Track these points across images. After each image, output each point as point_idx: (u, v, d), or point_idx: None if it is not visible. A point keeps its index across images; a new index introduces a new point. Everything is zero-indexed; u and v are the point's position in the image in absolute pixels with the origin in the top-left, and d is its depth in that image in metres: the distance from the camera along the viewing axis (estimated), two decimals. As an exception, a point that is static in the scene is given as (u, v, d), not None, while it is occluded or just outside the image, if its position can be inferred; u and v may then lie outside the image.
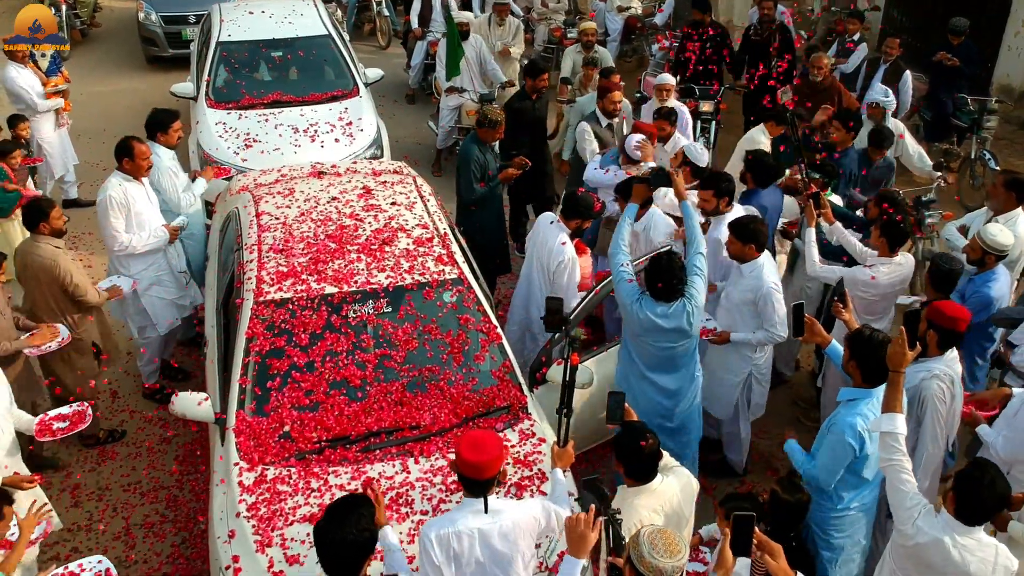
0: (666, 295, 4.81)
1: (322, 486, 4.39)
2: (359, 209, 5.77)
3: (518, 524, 3.61)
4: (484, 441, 3.55)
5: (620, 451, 3.87)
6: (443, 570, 3.56)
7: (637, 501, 3.84)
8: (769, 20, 9.93)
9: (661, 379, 5.04)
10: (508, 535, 3.58)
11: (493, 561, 3.60)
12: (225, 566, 4.11)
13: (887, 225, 5.45)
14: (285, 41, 9.39)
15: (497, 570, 3.63)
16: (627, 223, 5.24)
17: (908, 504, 3.55)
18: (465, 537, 3.53)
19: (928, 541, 3.45)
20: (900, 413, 3.69)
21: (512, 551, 3.60)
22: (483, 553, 3.58)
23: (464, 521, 3.56)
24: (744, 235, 5.30)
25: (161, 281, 6.30)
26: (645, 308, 4.85)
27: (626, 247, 5.14)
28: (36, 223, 5.57)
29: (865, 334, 4.24)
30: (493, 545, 3.58)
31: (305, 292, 5.05)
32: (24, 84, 8.33)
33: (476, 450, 3.50)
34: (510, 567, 3.63)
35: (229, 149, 8.12)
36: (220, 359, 5.20)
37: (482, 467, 3.49)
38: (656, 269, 4.81)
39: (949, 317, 4.43)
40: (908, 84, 9.01)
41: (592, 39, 9.43)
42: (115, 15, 14.23)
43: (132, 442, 6.21)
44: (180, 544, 5.39)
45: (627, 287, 4.96)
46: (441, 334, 5.06)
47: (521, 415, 4.85)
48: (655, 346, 4.94)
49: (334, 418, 4.67)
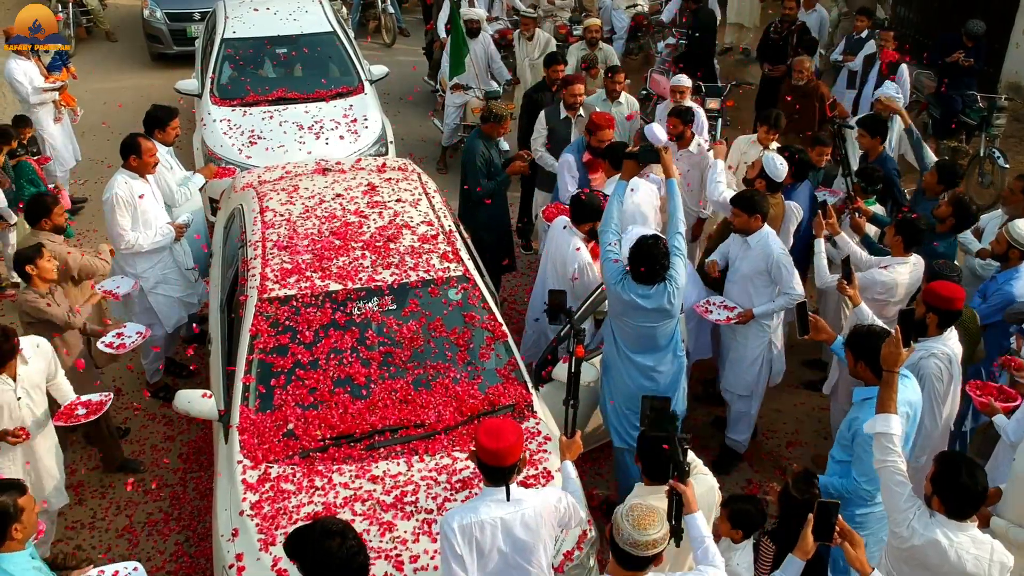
0: (648, 278, 4.81)
1: (326, 484, 4.36)
2: (364, 206, 5.74)
3: (540, 512, 3.58)
4: (502, 428, 3.53)
5: (643, 451, 3.79)
6: (465, 560, 3.52)
7: (652, 500, 3.78)
8: (790, 20, 9.89)
9: (642, 359, 5.02)
10: (530, 524, 3.55)
11: (515, 551, 3.56)
12: (229, 564, 4.07)
13: (903, 224, 5.39)
14: (290, 38, 9.37)
15: (520, 559, 3.58)
16: (616, 201, 5.19)
17: (903, 506, 3.51)
18: (488, 526, 3.50)
19: (924, 543, 3.42)
20: (894, 414, 3.66)
21: (534, 540, 3.57)
22: (505, 543, 3.54)
23: (487, 510, 3.52)
24: (749, 207, 5.42)
25: (168, 279, 6.27)
26: (628, 289, 4.84)
27: (616, 225, 5.11)
28: (38, 219, 5.55)
29: (863, 331, 4.24)
30: (516, 535, 3.54)
31: (309, 289, 5.02)
32: (20, 76, 8.30)
33: (495, 437, 3.48)
34: (532, 556, 3.59)
35: (234, 146, 8.10)
36: (224, 356, 5.18)
37: (502, 454, 3.47)
38: (640, 253, 4.79)
39: (946, 298, 4.54)
40: (905, 77, 8.93)
41: (596, 36, 9.38)
42: (120, 12, 14.21)
43: (135, 439, 6.19)
44: (183, 542, 5.37)
45: (612, 267, 4.94)
46: (446, 331, 5.03)
47: (527, 413, 4.82)
48: (636, 325, 4.93)
49: (338, 416, 4.63)
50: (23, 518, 3.59)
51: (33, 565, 3.60)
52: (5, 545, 3.56)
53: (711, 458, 5.84)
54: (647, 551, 3.09)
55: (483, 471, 3.58)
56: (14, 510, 3.56)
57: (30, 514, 3.65)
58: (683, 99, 7.69)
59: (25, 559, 3.61)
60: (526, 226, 8.53)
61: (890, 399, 3.67)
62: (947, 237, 5.80)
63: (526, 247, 8.53)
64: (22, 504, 3.60)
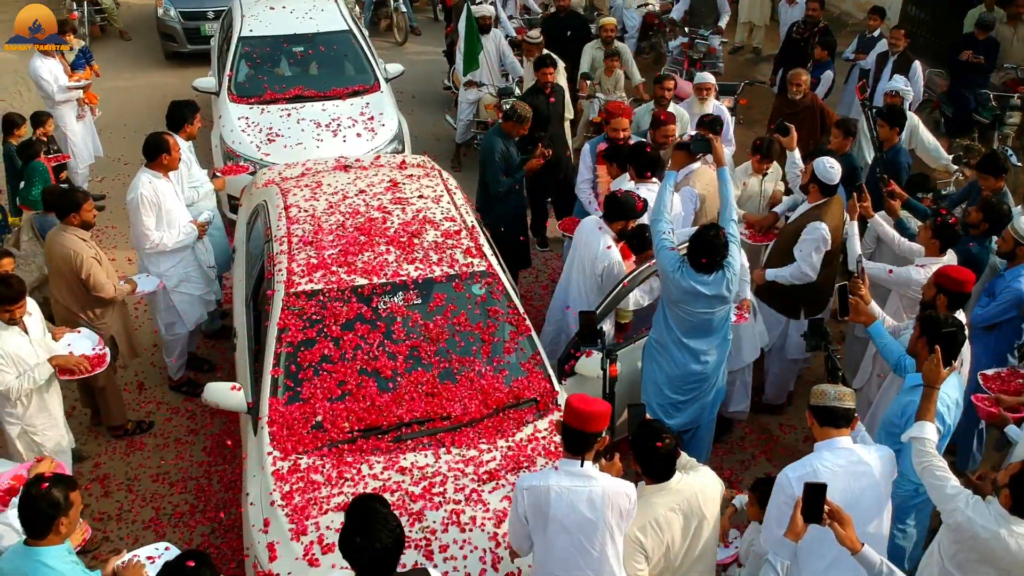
0: (708, 268, 4.90)
1: (355, 475, 4.43)
2: (387, 202, 5.80)
3: (608, 494, 3.60)
4: (594, 398, 3.71)
5: (637, 451, 3.83)
6: (529, 524, 3.63)
7: (655, 499, 3.80)
8: (814, 22, 9.90)
9: (696, 343, 5.14)
10: (596, 502, 3.58)
11: (579, 528, 3.59)
12: (260, 554, 4.14)
13: (941, 227, 5.41)
14: (306, 36, 9.42)
15: (583, 539, 3.60)
16: (668, 190, 5.26)
17: (950, 494, 3.58)
18: (553, 493, 3.58)
19: (987, 535, 3.47)
20: (931, 423, 3.83)
21: (598, 520, 3.59)
22: (569, 517, 3.58)
23: (556, 479, 3.62)
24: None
25: (190, 277, 6.33)
26: (688, 276, 4.93)
27: (668, 213, 5.19)
28: (66, 213, 5.61)
29: (939, 317, 4.29)
30: (580, 510, 3.58)
31: (336, 284, 5.08)
32: (46, 74, 8.38)
33: (586, 401, 3.64)
34: (595, 538, 3.60)
35: (252, 143, 8.16)
36: (251, 350, 5.24)
37: (590, 417, 3.60)
38: (700, 243, 4.89)
39: (956, 280, 4.71)
40: (918, 74, 8.95)
41: (612, 35, 9.43)
42: (134, 11, 14.28)
43: (160, 433, 6.26)
44: (210, 534, 5.44)
45: (668, 255, 5.03)
46: (471, 326, 5.09)
47: (551, 407, 4.88)
48: (694, 312, 5.03)
49: (366, 408, 4.70)
50: (70, 514, 3.61)
51: (71, 559, 3.64)
52: (48, 539, 3.57)
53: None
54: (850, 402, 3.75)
55: (565, 438, 3.68)
56: (64, 504, 3.57)
57: (76, 511, 3.66)
58: (708, 97, 7.66)
59: (63, 552, 3.62)
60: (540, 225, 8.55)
61: (928, 411, 3.86)
62: (982, 240, 5.83)
63: (542, 243, 8.58)
64: (72, 499, 3.62)
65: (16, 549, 3.65)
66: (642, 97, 9.90)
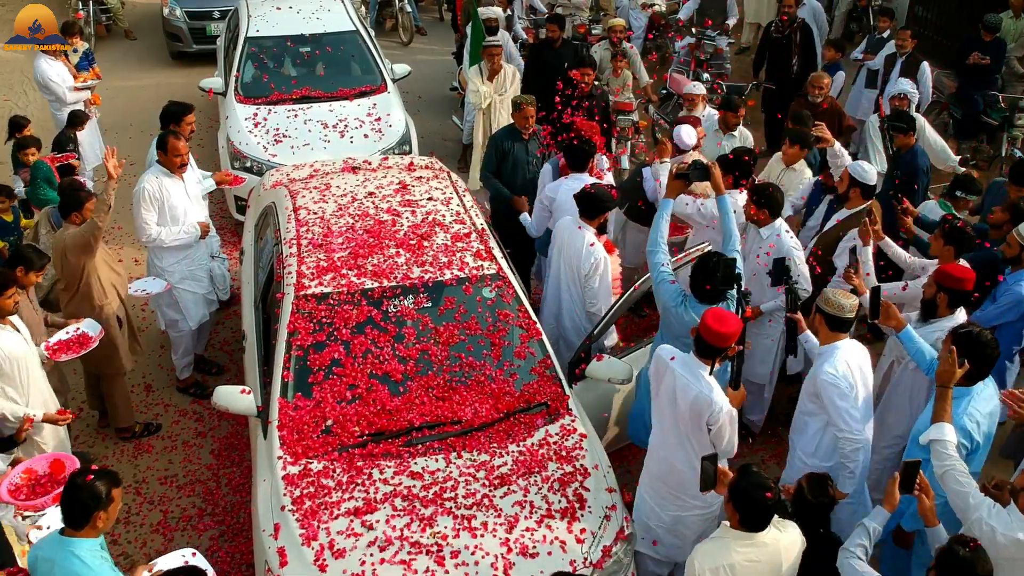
0: (712, 298, 4.75)
1: (365, 480, 4.40)
2: (396, 204, 5.78)
3: (702, 395, 4.15)
4: (728, 317, 4.19)
5: (739, 499, 3.61)
6: (651, 389, 4.47)
7: (737, 545, 3.64)
8: (791, 20, 9.83)
9: None
10: (697, 400, 4.17)
11: (691, 407, 4.19)
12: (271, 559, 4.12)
13: (952, 231, 5.28)
14: (313, 37, 9.40)
15: (692, 422, 4.22)
16: (664, 219, 5.17)
17: (972, 503, 3.58)
18: (668, 373, 4.27)
19: (1008, 542, 3.45)
20: (948, 423, 3.90)
21: (699, 419, 4.20)
22: (682, 398, 4.21)
23: (684, 365, 4.23)
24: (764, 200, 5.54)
25: (194, 275, 6.31)
26: (691, 310, 4.79)
27: (664, 244, 5.09)
28: (69, 212, 5.60)
29: (972, 332, 4.20)
30: (689, 397, 4.18)
31: (346, 287, 5.05)
32: (55, 76, 8.37)
33: (722, 321, 4.13)
34: (700, 425, 4.21)
35: (259, 144, 8.15)
36: (260, 353, 5.22)
37: (724, 336, 4.11)
38: (705, 271, 4.74)
39: (957, 278, 4.74)
40: (927, 75, 8.90)
41: (621, 36, 9.39)
42: (139, 11, 14.27)
43: (167, 435, 6.24)
44: (218, 537, 5.41)
45: (669, 288, 4.91)
46: (481, 329, 5.06)
47: (562, 411, 4.85)
48: None
49: (376, 412, 4.68)
50: (109, 509, 3.62)
51: (101, 555, 3.63)
52: (84, 531, 3.58)
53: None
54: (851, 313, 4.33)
55: (698, 345, 4.18)
56: (105, 498, 3.58)
57: (116, 508, 3.67)
58: (696, 106, 7.63)
59: (95, 546, 3.63)
60: None
61: (944, 411, 3.93)
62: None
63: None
64: (114, 495, 3.63)
65: (52, 537, 3.66)
66: (651, 98, 9.86)
